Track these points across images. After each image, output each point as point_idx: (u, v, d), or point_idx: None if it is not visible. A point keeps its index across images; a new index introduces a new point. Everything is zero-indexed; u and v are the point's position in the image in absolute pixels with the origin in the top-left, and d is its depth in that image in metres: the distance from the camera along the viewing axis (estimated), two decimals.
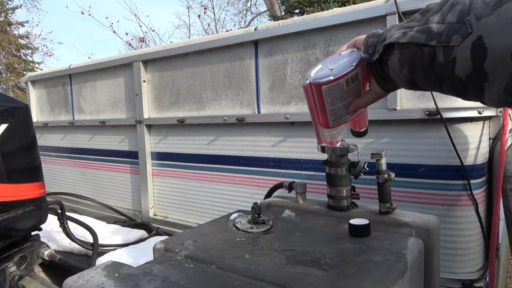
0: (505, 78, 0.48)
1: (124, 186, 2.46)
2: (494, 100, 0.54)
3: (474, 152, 1.30)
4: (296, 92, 1.64)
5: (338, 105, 0.81)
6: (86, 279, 0.67)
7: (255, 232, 0.89)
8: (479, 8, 0.50)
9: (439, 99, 1.29)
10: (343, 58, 0.79)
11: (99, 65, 2.46)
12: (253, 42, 1.74)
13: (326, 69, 0.79)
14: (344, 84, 0.77)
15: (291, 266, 0.70)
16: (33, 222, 1.56)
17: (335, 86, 0.77)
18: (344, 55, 0.80)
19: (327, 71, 0.78)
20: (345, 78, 0.76)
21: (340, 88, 0.78)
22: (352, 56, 0.78)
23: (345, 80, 0.77)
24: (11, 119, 1.48)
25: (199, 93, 1.98)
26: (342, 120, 0.85)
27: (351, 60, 0.77)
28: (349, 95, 0.80)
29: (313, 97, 0.81)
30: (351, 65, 0.76)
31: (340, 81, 0.77)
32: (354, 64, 0.76)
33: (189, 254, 0.78)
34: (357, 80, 0.78)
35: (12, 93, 17.04)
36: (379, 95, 0.79)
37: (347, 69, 0.76)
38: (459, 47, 0.52)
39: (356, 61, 0.76)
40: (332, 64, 0.79)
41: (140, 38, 12.74)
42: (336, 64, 0.78)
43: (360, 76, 0.78)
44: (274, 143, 1.73)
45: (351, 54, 0.79)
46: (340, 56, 0.80)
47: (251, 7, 13.56)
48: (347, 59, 0.78)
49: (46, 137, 3.02)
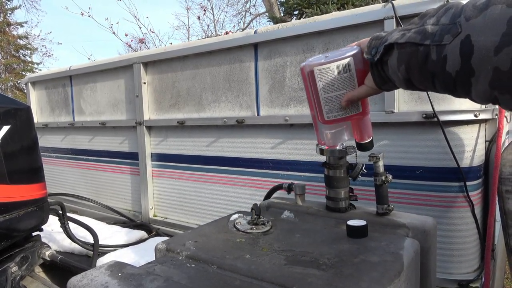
0: (489, 72, 0.53)
1: (124, 187, 2.47)
2: (480, 95, 0.59)
3: (470, 155, 1.32)
4: (295, 95, 1.66)
5: (331, 94, 0.87)
6: (90, 278, 0.69)
7: (255, 233, 0.91)
8: (469, 11, 0.56)
9: (436, 102, 1.31)
10: (340, 50, 0.87)
11: (99, 67, 2.47)
12: (253, 45, 1.76)
13: (322, 56, 0.87)
14: (335, 69, 0.84)
15: (290, 266, 0.72)
16: (34, 223, 1.58)
17: (326, 69, 0.84)
18: (343, 49, 0.87)
19: (321, 56, 0.87)
20: (336, 63, 0.84)
21: (331, 73, 0.85)
22: (348, 49, 0.86)
23: (336, 66, 0.84)
24: (13, 120, 1.49)
25: (199, 95, 2.00)
26: (338, 115, 0.89)
27: (346, 51, 0.85)
28: (341, 86, 0.86)
29: (309, 80, 0.88)
30: (344, 54, 0.84)
31: (331, 65, 0.84)
32: (348, 54, 0.83)
33: (191, 254, 0.79)
34: (349, 72, 0.84)
35: (11, 93, 17.02)
36: (372, 91, 0.84)
37: (339, 56, 0.84)
38: (449, 45, 0.58)
39: (350, 53, 0.83)
40: (329, 54, 0.87)
41: (139, 39, 12.75)
42: (331, 53, 0.86)
43: (353, 69, 0.84)
44: (274, 145, 1.75)
45: (349, 49, 0.86)
46: (339, 49, 0.88)
47: (250, 9, 13.56)
48: (343, 50, 0.86)
49: (46, 138, 3.03)
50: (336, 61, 0.84)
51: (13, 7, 18.15)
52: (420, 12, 1.30)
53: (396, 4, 1.34)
